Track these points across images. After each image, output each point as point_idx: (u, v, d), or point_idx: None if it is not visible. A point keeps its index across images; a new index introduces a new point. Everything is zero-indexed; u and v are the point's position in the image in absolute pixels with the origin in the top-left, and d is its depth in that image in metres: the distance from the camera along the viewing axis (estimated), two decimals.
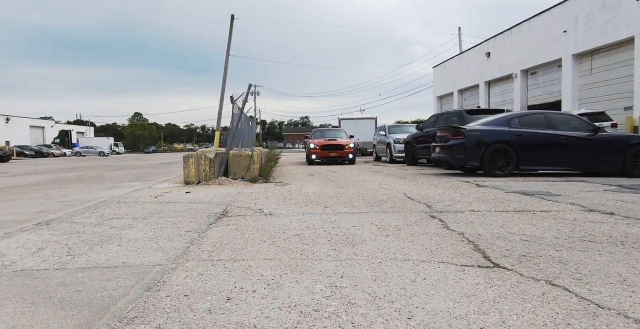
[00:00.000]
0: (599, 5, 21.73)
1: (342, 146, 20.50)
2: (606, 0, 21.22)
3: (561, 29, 24.71)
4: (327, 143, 20.66)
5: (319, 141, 20.96)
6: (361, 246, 4.02)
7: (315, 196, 7.67)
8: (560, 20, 24.89)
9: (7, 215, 6.58)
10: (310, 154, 20.67)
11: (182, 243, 4.24)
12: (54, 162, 35.34)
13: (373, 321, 2.37)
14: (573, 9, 23.76)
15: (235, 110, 12.56)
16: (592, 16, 22.30)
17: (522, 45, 28.86)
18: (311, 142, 21.15)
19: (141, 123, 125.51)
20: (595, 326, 2.32)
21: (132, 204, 7.07)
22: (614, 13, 20.76)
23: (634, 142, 10.87)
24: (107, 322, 2.42)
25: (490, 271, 3.27)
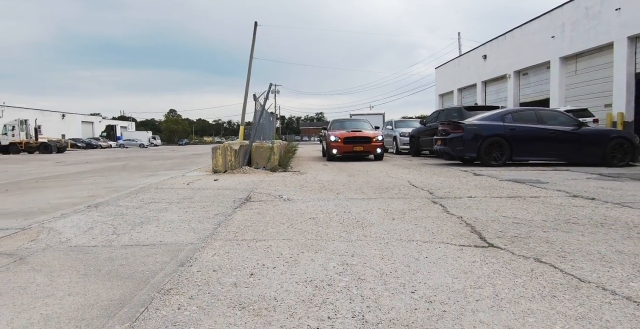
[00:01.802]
0: (582, 14, 21.77)
1: (368, 138, 15.21)
2: (589, 9, 21.32)
3: (549, 34, 24.56)
4: (351, 135, 15.30)
5: (341, 133, 15.59)
6: (370, 228, 4.00)
7: (329, 184, 7.64)
8: (548, 27, 24.72)
9: (63, 199, 6.66)
10: (331, 148, 15.35)
11: (210, 225, 4.25)
12: (101, 153, 35.72)
13: (380, 294, 2.35)
14: (560, 17, 23.68)
15: (258, 107, 12.55)
16: (577, 24, 22.29)
17: (515, 49, 28.62)
18: (331, 134, 15.62)
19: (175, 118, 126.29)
20: (577, 298, 2.32)
21: (168, 190, 7.11)
22: (596, 21, 20.82)
23: (613, 136, 10.83)
24: (147, 292, 2.45)
25: (486, 250, 3.24)
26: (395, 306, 2.20)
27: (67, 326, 2.04)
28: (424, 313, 2.12)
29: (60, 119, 64.30)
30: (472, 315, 2.09)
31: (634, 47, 19.30)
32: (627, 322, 2.03)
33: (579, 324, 2.02)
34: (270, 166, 10.76)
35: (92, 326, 2.04)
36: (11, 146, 36.96)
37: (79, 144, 53.87)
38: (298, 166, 12.62)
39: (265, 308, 2.19)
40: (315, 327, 1.96)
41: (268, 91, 12.20)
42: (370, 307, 2.18)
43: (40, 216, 5.01)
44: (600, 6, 20.62)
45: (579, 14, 22.08)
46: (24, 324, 2.07)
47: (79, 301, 2.35)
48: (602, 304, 2.24)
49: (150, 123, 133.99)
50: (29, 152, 36.94)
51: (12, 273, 2.86)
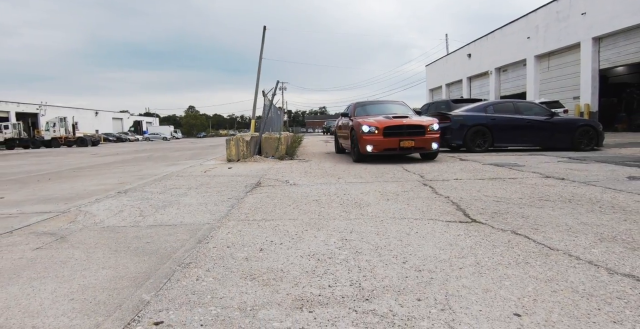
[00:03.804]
0: (554, 18, 21.72)
1: (421, 127, 8.67)
2: (559, 14, 21.28)
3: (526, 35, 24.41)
4: (395, 123, 8.72)
5: (378, 120, 8.87)
6: (367, 208, 3.98)
7: (331, 170, 7.61)
8: (525, 29, 24.58)
9: (97, 186, 6.67)
10: (363, 143, 8.66)
11: (225, 207, 4.25)
12: (130, 145, 35.76)
13: (375, 265, 2.35)
14: (534, 21, 23.57)
15: (266, 102, 12.47)
16: (549, 26, 22.23)
17: (496, 48, 28.42)
18: (362, 122, 8.92)
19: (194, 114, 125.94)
20: (547, 263, 2.34)
21: (187, 177, 7.10)
22: (565, 24, 20.79)
23: (580, 124, 10.81)
24: (170, 266, 2.46)
25: (469, 225, 3.23)
26: (388, 275, 2.19)
27: (101, 295, 2.06)
28: (414, 280, 2.12)
29: (93, 116, 64.33)
30: (456, 281, 2.09)
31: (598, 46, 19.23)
32: (588, 282, 2.07)
33: (548, 285, 2.02)
34: (278, 154, 10.72)
35: (123, 294, 2.05)
36: (53, 141, 37.21)
37: (110, 138, 53.91)
38: (303, 154, 12.57)
39: (273, 278, 2.19)
40: (317, 294, 1.97)
41: (275, 87, 12.12)
42: (366, 276, 2.18)
43: (77, 201, 5.03)
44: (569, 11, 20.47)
45: (551, 17, 21.97)
46: (65, 293, 2.11)
47: (111, 274, 2.37)
48: (568, 268, 2.25)
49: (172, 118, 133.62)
50: (67, 146, 37.07)
51: (55, 250, 2.90)
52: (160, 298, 2.00)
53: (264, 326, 1.67)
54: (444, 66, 38.96)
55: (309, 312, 1.78)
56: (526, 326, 1.63)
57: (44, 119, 43.91)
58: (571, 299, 1.86)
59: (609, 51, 18.78)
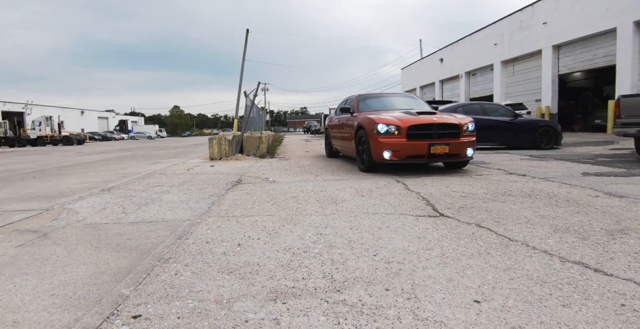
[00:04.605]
0: (518, 27, 22.25)
1: (455, 127, 5.97)
2: (523, 23, 21.82)
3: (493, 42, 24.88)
4: (424, 121, 5.93)
5: (399, 118, 6.08)
6: (342, 204, 4.00)
7: (309, 168, 7.60)
8: (492, 36, 25.04)
9: (81, 184, 6.50)
10: (379, 147, 5.93)
11: (205, 204, 4.20)
12: (115, 144, 34.93)
13: (347, 257, 2.36)
14: (500, 29, 24.08)
15: (248, 102, 12.37)
16: (514, 34, 22.74)
17: (466, 53, 28.87)
18: (376, 119, 6.13)
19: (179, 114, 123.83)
20: (506, 253, 2.40)
21: (170, 175, 6.99)
22: (528, 32, 21.32)
23: (541, 125, 11.09)
24: (150, 261, 2.42)
25: (437, 219, 3.28)
26: (359, 267, 2.21)
27: (81, 290, 2.02)
28: (383, 271, 2.14)
29: (79, 115, 62.45)
30: (422, 271, 2.12)
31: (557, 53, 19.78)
32: (542, 270, 2.13)
33: (506, 273, 2.08)
34: (260, 153, 10.65)
35: (103, 289, 2.01)
36: (38, 139, 36.07)
37: (96, 137, 52.53)
38: (284, 153, 12.53)
39: (250, 272, 2.18)
40: (291, 286, 1.97)
41: (257, 88, 12.03)
42: (339, 268, 2.19)
43: (61, 198, 4.90)
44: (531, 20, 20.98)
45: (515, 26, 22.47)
46: (46, 289, 2.06)
47: (91, 270, 2.32)
48: (525, 258, 2.31)
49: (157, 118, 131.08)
50: (53, 145, 35.97)
51: (37, 247, 2.82)
52: (140, 292, 1.97)
53: (239, 318, 1.66)
54: (418, 69, 39.39)
55: (283, 303, 1.78)
56: (484, 312, 1.67)
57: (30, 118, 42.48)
58: (526, 286, 1.92)
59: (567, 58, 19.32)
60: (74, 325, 1.66)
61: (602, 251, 2.40)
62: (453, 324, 1.57)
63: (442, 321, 1.59)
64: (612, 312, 1.66)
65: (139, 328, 1.62)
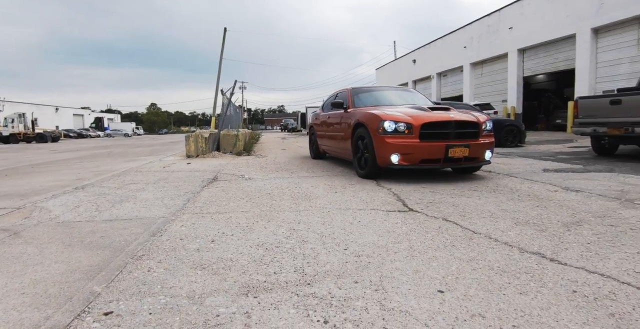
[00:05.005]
0: (486, 31, 22.73)
1: (476, 125, 4.97)
2: (490, 27, 22.29)
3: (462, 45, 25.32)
4: (441, 118, 4.82)
5: (410, 114, 4.94)
6: (316, 200, 4.00)
7: (285, 165, 7.58)
8: (462, 39, 25.49)
9: (54, 182, 6.27)
10: (385, 148, 4.83)
11: (181, 201, 4.13)
12: (90, 142, 33.86)
13: (319, 252, 2.38)
14: (470, 32, 24.53)
15: (225, 100, 12.24)
16: (482, 38, 23.21)
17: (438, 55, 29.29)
18: (382, 115, 4.98)
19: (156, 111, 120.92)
20: (470, 245, 2.46)
21: (146, 173, 6.84)
22: (495, 36, 21.82)
23: (507, 124, 11.39)
24: (122, 258, 2.37)
25: (406, 214, 3.32)
26: (330, 260, 2.23)
27: (52, 288, 1.95)
28: (353, 264, 2.16)
29: (54, 112, 60.15)
30: (390, 264, 2.16)
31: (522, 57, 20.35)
32: (503, 260, 2.20)
33: (469, 264, 2.14)
34: (236, 150, 10.54)
35: (74, 287, 1.96)
36: (11, 137, 34.46)
37: (71, 134, 50.67)
38: (260, 150, 12.44)
39: (222, 267, 2.17)
40: (263, 281, 1.96)
41: (233, 87, 11.90)
42: (310, 263, 2.20)
43: (33, 196, 4.72)
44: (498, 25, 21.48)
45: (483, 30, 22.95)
46: (16, 287, 1.98)
47: (63, 268, 2.25)
48: (487, 249, 2.38)
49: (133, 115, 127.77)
50: (26, 142, 34.51)
51: (7, 246, 2.71)
52: (112, 289, 1.92)
53: (210, 312, 1.65)
54: (392, 70, 39.75)
55: (254, 297, 1.78)
56: (447, 301, 1.71)
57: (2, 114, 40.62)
58: (487, 276, 1.98)
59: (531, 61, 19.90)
60: (44, 323, 1.61)
61: (557, 242, 2.50)
62: (417, 314, 1.60)
63: (407, 311, 1.63)
64: (565, 298, 1.73)
65: (110, 324, 1.59)
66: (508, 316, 1.58)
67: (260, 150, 12.63)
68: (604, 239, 2.54)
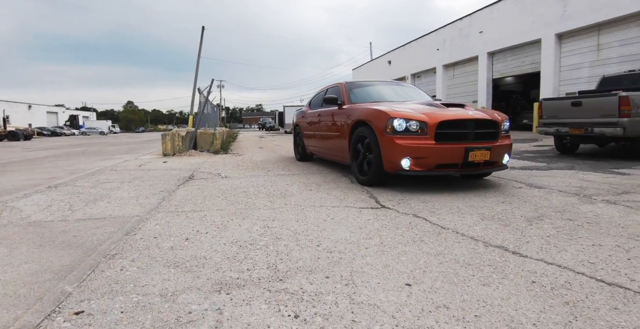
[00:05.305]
0: (458, 34, 23.16)
1: (495, 124, 4.36)
2: (462, 31, 22.73)
3: (436, 47, 25.70)
4: (459, 117, 4.16)
5: (422, 111, 4.29)
6: (291, 198, 4.01)
7: (262, 163, 7.54)
8: (435, 42, 25.87)
9: (26, 181, 6.04)
10: (394, 151, 4.06)
11: (156, 200, 4.05)
12: (64, 140, 32.67)
13: (292, 248, 2.38)
14: (442, 35, 24.94)
15: (202, 99, 12.06)
16: (454, 41, 23.64)
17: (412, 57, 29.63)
18: (390, 112, 4.22)
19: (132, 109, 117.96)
20: (438, 240, 2.51)
21: (121, 171, 6.67)
22: (467, 39, 22.27)
23: None
24: (95, 258, 2.31)
25: (379, 210, 3.36)
26: (302, 257, 2.24)
27: (22, 289, 1.89)
28: (325, 260, 2.18)
29: (26, 110, 57.61)
30: (361, 259, 2.19)
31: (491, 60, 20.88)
32: (468, 254, 2.27)
33: (436, 258, 2.19)
34: (213, 149, 10.41)
35: (44, 287, 1.90)
36: None
37: (44, 132, 48.78)
38: (238, 149, 12.31)
39: (196, 265, 2.15)
40: (236, 277, 1.96)
41: (210, 85, 11.75)
42: (283, 259, 2.21)
43: (4, 196, 4.53)
44: (470, 29, 21.94)
45: (455, 33, 23.38)
46: None
47: (33, 268, 2.18)
48: (454, 244, 2.44)
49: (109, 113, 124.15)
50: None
51: None
52: (83, 289, 1.88)
53: (183, 309, 1.64)
54: (368, 71, 39.99)
55: (227, 294, 1.78)
56: (414, 293, 1.75)
57: None
58: (453, 269, 2.03)
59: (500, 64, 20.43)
60: (12, 324, 1.57)
61: (520, 235, 2.59)
62: (385, 306, 1.64)
63: (375, 304, 1.66)
64: (524, 288, 1.80)
65: (81, 324, 1.56)
66: (471, 306, 1.63)
67: (237, 148, 12.51)
68: (563, 233, 2.65)
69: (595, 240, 2.48)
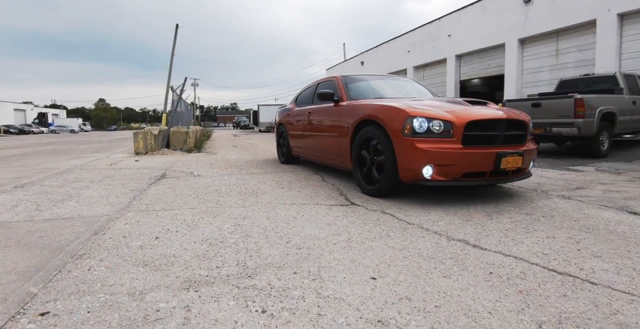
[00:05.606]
0: (427, 37, 23.62)
1: (524, 125, 3.76)
2: (431, 34, 23.21)
3: (407, 49, 26.14)
4: (489, 116, 3.48)
5: (450, 110, 3.54)
6: (262, 196, 3.99)
7: (235, 162, 7.46)
8: (405, 44, 26.30)
9: None
10: (414, 156, 3.31)
11: (126, 199, 3.95)
12: (33, 138, 31.20)
13: (262, 246, 2.38)
14: (413, 38, 25.38)
15: (175, 97, 11.82)
16: (423, 43, 24.11)
17: (384, 58, 29.99)
18: (408, 110, 3.44)
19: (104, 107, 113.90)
20: (404, 235, 2.57)
21: (91, 170, 6.45)
22: (436, 43, 22.77)
23: None
24: (62, 258, 2.24)
25: (348, 207, 3.40)
26: (272, 253, 2.25)
27: None
28: (294, 256, 2.20)
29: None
30: (329, 255, 2.22)
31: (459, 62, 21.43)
32: (432, 248, 2.33)
33: (401, 252, 2.25)
34: (186, 147, 10.21)
35: (9, 289, 1.83)
36: None
37: (11, 130, 46.39)
38: (211, 147, 12.12)
39: (165, 263, 2.12)
40: (205, 275, 1.95)
41: (184, 84, 11.51)
42: (252, 256, 2.21)
43: None
44: (439, 32, 22.44)
45: (425, 36, 23.86)
46: None
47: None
48: (419, 238, 2.51)
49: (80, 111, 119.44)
50: None
51: None
52: (49, 289, 1.83)
53: (151, 308, 1.62)
54: (342, 71, 40.21)
55: (195, 291, 1.77)
56: (378, 287, 1.80)
57: None
58: (416, 262, 2.09)
59: (467, 66, 20.98)
60: None
61: (481, 229, 2.69)
62: (350, 300, 1.67)
63: (341, 298, 1.69)
64: (482, 279, 1.87)
65: (46, 324, 1.52)
66: (432, 297, 1.69)
67: (211, 147, 12.33)
68: (520, 226, 2.76)
69: (549, 233, 2.61)
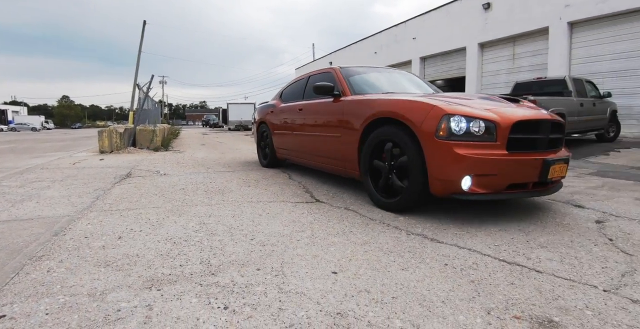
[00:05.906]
0: (392, 40, 24.05)
1: (561, 128, 3.09)
2: (397, 36, 23.65)
3: (373, 51, 26.50)
4: (535, 117, 2.82)
5: (492, 108, 2.83)
6: (229, 194, 3.96)
7: (202, 160, 7.34)
8: (372, 46, 26.66)
9: None
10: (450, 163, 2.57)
11: (89, 199, 3.81)
12: None
13: (226, 244, 2.38)
14: (379, 40, 25.78)
15: (142, 95, 11.45)
16: (389, 46, 24.54)
17: (351, 59, 30.22)
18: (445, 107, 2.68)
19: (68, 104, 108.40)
20: (366, 231, 2.63)
21: (53, 169, 6.16)
22: (401, 45, 23.24)
23: None
24: (19, 260, 2.15)
25: (313, 204, 3.44)
26: (236, 251, 2.25)
27: None
28: (258, 253, 2.21)
29: None
30: (292, 251, 2.24)
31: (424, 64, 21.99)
32: (392, 242, 2.40)
33: (363, 247, 2.30)
34: (153, 146, 9.93)
35: None
36: None
37: None
38: (179, 146, 11.83)
39: (128, 263, 2.07)
40: (168, 274, 1.93)
41: (150, 81, 11.17)
42: (216, 254, 2.20)
43: None
44: (404, 35, 22.90)
45: (391, 39, 24.28)
46: None
47: None
48: (380, 233, 2.58)
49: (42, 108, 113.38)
50: None
51: None
52: (5, 292, 1.75)
53: (111, 308, 1.59)
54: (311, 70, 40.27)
55: (157, 290, 1.74)
56: (339, 280, 1.84)
57: None
58: (376, 256, 2.15)
59: (431, 68, 21.53)
60: None
61: (438, 224, 2.79)
62: (312, 294, 1.71)
63: (302, 292, 1.72)
64: (437, 271, 1.96)
65: (3, 328, 1.46)
66: (389, 289, 1.75)
67: (179, 146, 12.04)
68: (475, 220, 2.88)
69: (501, 226, 2.74)
